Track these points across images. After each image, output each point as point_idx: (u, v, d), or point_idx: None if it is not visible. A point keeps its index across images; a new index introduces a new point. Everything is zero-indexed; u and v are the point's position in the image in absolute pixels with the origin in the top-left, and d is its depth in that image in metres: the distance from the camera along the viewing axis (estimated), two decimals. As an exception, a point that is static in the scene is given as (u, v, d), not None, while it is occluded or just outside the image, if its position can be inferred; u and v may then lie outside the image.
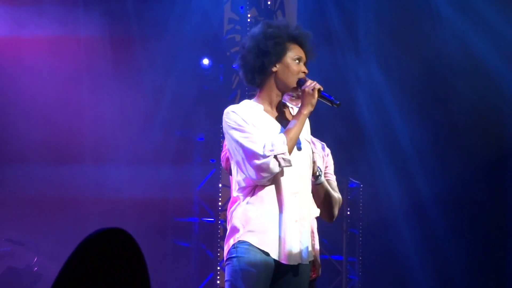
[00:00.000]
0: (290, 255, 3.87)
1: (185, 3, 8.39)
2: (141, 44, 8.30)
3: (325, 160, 4.44)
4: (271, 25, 4.01)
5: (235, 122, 3.91)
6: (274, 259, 3.83)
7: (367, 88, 8.45)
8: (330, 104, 3.99)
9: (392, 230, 8.32)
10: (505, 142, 8.14)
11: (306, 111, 3.91)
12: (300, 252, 3.91)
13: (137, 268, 2.04)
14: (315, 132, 4.22)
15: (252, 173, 3.81)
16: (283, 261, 3.86)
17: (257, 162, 3.81)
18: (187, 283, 8.27)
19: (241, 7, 8.38)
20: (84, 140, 8.16)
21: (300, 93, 3.96)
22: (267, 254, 3.83)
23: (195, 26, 8.35)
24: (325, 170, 4.41)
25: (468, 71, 8.14)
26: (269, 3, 8.48)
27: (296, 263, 3.93)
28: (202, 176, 8.33)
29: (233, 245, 3.85)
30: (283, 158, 3.82)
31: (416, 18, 8.29)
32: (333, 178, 4.43)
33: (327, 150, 4.49)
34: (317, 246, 4.25)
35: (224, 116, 3.95)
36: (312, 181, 4.16)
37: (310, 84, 3.93)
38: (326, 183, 4.27)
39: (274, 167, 3.81)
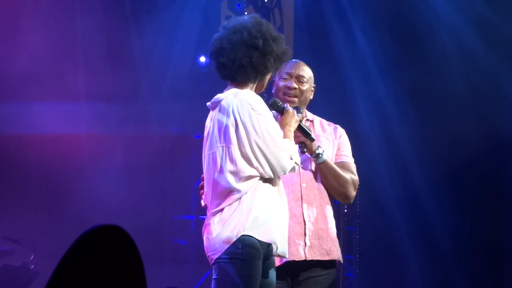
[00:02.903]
0: (287, 247, 3.91)
1: (182, 1, 8.38)
2: (138, 41, 8.30)
3: (336, 142, 4.40)
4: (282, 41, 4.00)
5: (265, 111, 3.86)
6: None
7: (363, 85, 8.45)
8: (305, 136, 4.17)
9: (390, 228, 8.31)
10: (500, 138, 8.13)
11: (293, 128, 4.02)
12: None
13: (133, 266, 2.04)
14: (312, 130, 4.26)
15: (272, 166, 3.78)
16: (286, 255, 3.91)
17: (286, 161, 3.81)
18: (184, 281, 8.27)
19: (238, 5, 8.37)
20: (81, 136, 8.15)
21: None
22: (267, 245, 3.80)
23: (192, 23, 8.35)
24: (337, 153, 4.39)
25: (464, 68, 8.14)
26: (265, 0, 8.47)
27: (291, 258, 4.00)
28: (199, 174, 8.29)
29: (236, 242, 3.73)
30: (294, 168, 3.88)
31: (412, 14, 8.29)
32: (348, 160, 4.39)
33: (340, 132, 4.45)
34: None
35: (249, 99, 3.83)
36: (313, 160, 4.20)
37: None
38: (330, 163, 4.26)
39: (290, 171, 3.88)
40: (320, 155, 4.22)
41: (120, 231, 2.05)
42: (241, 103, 3.82)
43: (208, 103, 4.03)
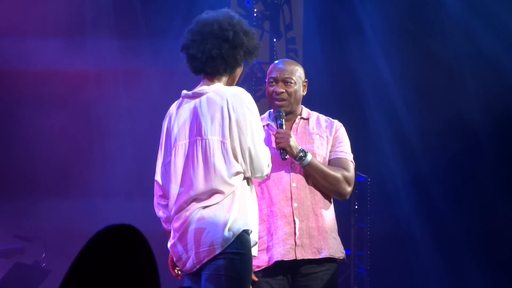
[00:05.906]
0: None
1: (191, -1, 8.39)
2: (148, 42, 8.30)
3: (330, 138, 4.40)
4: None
5: (256, 111, 3.90)
6: None
7: (373, 81, 8.44)
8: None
9: (401, 224, 8.30)
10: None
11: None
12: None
13: (146, 265, 2.04)
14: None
15: (253, 166, 3.81)
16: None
17: (265, 165, 3.85)
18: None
19: (248, 2, 8.36)
20: (91, 134, 8.18)
21: None
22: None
23: (202, 21, 8.33)
24: (332, 149, 4.38)
25: (475, 63, 8.12)
26: (275, -3, 8.47)
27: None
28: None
29: (239, 237, 3.74)
30: (264, 176, 3.92)
31: (422, 9, 8.28)
32: (342, 155, 4.38)
33: (336, 127, 4.44)
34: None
35: (243, 97, 3.85)
36: (298, 164, 4.22)
37: None
38: (316, 163, 4.25)
39: (261, 178, 3.92)
40: (303, 158, 4.21)
41: (134, 230, 2.05)
42: (236, 99, 3.82)
43: (186, 92, 3.99)
